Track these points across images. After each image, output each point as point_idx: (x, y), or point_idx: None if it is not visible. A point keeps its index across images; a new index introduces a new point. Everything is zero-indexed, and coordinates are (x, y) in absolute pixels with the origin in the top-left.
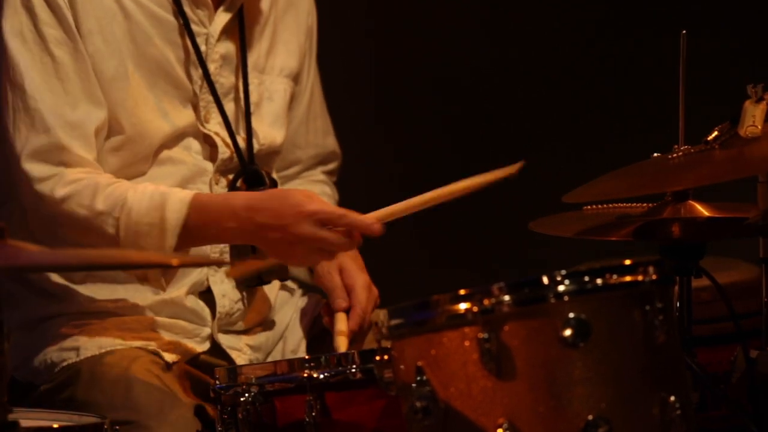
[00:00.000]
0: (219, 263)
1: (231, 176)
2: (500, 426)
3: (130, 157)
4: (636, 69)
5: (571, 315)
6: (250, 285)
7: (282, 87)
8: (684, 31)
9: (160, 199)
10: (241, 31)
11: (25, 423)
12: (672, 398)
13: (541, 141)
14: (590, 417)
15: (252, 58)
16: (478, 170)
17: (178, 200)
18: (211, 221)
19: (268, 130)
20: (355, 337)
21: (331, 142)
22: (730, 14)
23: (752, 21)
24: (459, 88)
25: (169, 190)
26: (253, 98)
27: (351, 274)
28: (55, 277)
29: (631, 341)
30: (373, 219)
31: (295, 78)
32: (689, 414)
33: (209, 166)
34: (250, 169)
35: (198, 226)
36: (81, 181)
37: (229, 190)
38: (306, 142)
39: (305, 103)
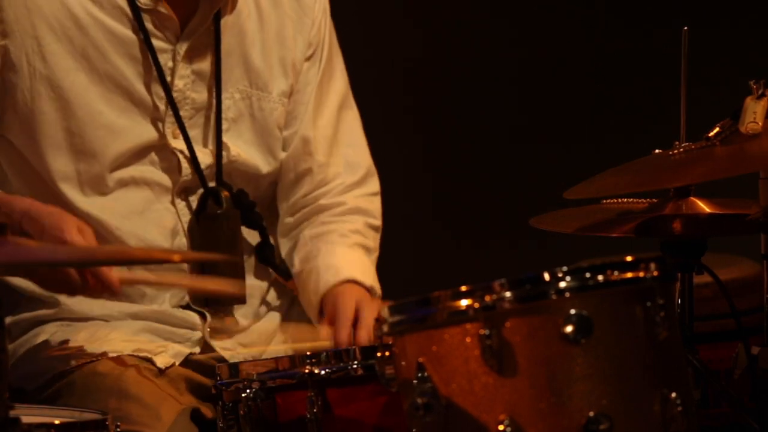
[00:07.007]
0: (222, 260)
1: (192, 197)
2: (501, 422)
3: (86, 176)
4: (637, 65)
5: (573, 311)
6: (207, 305)
7: (270, 105)
8: (685, 27)
9: None
10: (216, 47)
11: (26, 419)
12: (673, 395)
13: (542, 137)
14: (591, 413)
15: (238, 72)
16: (479, 167)
17: None
18: None
19: (244, 147)
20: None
21: (363, 157)
22: (731, 10)
23: (754, 17)
24: (459, 87)
25: None
26: (231, 114)
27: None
28: None
29: (632, 338)
30: (117, 280)
31: (289, 95)
32: (691, 411)
33: (170, 184)
34: (209, 188)
35: None
36: None
37: (195, 213)
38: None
39: (326, 117)
